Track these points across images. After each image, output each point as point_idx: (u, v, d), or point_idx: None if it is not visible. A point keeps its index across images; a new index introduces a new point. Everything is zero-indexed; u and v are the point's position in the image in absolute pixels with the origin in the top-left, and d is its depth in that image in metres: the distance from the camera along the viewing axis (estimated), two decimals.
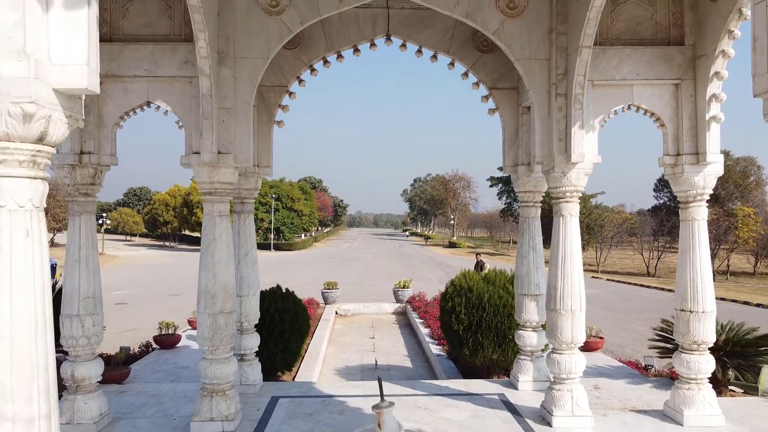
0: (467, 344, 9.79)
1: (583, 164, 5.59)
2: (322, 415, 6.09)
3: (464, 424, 5.77)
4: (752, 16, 2.64)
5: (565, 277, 5.72)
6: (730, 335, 9.25)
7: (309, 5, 5.68)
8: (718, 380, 8.58)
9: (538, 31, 5.77)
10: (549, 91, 5.75)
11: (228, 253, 5.69)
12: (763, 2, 2.53)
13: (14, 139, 2.28)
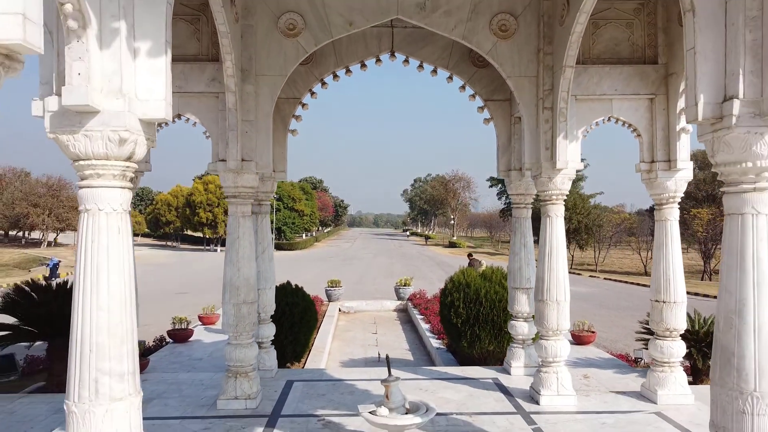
0: (465, 336, 10.50)
1: (566, 170, 6.30)
2: (333, 395, 6.80)
3: (461, 402, 6.48)
4: (685, 59, 3.34)
5: (551, 271, 6.43)
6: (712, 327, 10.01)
7: (322, 28, 6.39)
8: (699, 369, 9.33)
9: (526, 52, 6.48)
10: (537, 105, 6.45)
11: (250, 250, 6.40)
12: (692, 50, 3.23)
13: (111, 158, 2.99)
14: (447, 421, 5.87)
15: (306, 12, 6.35)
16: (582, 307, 20.85)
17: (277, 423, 5.86)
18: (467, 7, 6.38)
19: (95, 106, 2.81)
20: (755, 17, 3.02)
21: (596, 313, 18.91)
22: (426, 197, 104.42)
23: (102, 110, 2.87)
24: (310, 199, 73.69)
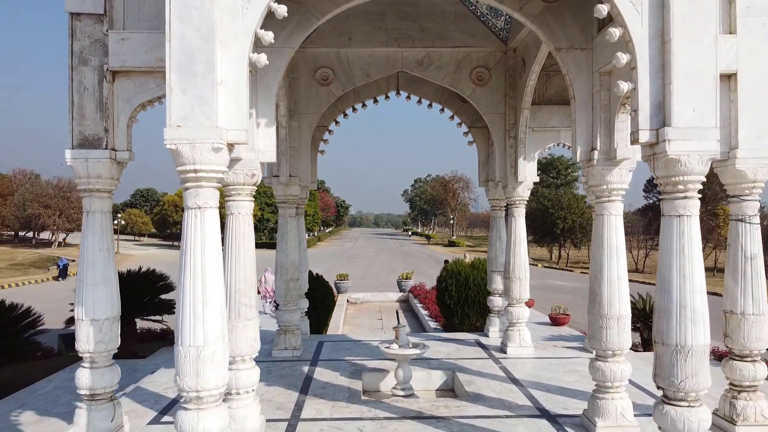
0: (457, 315, 13.01)
1: (526, 182, 8.75)
2: (354, 349, 9.27)
3: (449, 352, 8.93)
4: (572, 125, 5.79)
5: (515, 256, 8.90)
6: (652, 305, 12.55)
7: (347, 79, 8.85)
8: (647, 339, 11.80)
9: (497, 95, 8.95)
10: (504, 135, 8.92)
11: (294, 241, 8.87)
12: (575, 120, 5.67)
13: (246, 185, 5.43)
14: (439, 363, 8.32)
15: (335, 67, 8.82)
16: (567, 298, 23.38)
17: (318, 364, 8.33)
18: (453, 63, 8.85)
19: (241, 157, 5.24)
20: (605, 105, 5.47)
21: (578, 303, 21.31)
22: (426, 197, 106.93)
23: (243, 158, 5.29)
24: (313, 200, 76.16)
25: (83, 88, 5.29)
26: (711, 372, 4.44)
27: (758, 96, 5.30)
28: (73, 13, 5.30)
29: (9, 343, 10.28)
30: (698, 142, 4.28)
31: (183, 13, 4.16)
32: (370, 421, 6.03)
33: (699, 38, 4.26)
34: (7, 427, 7.93)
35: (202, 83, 4.15)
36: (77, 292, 5.47)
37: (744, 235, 5.64)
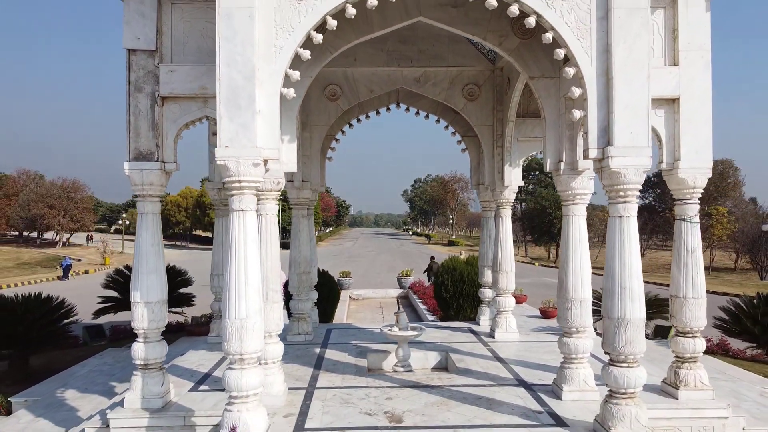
0: (452, 307, 14.20)
1: (511, 186, 9.93)
2: (360, 335, 10.45)
3: (443, 338, 10.11)
4: (543, 140, 6.96)
5: (503, 251, 10.08)
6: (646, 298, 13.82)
7: (353, 95, 10.03)
8: None
9: (486, 109, 10.12)
10: (492, 144, 10.09)
11: (306, 238, 10.04)
12: (544, 137, 6.84)
13: (272, 191, 6.60)
14: (435, 346, 9.49)
15: (342, 84, 10.00)
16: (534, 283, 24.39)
17: (328, 347, 9.52)
18: (447, 80, 10.03)
19: (269, 168, 6.40)
20: (570, 124, 6.64)
21: None
22: (426, 197, 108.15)
23: (271, 169, 6.45)
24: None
25: (138, 111, 6.47)
26: None
27: (697, 117, 6.49)
28: (130, 49, 6.48)
29: (46, 331, 11.44)
30: (634, 159, 5.45)
31: (230, 59, 5.33)
32: (375, 388, 7.22)
33: (634, 78, 5.44)
34: (55, 401, 9.12)
35: (245, 113, 5.33)
36: (132, 280, 6.64)
37: (686, 232, 6.81)
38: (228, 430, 5.31)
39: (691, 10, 6.53)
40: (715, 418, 6.53)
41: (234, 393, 5.35)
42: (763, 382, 10.20)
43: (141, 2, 6.44)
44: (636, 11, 5.46)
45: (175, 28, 6.56)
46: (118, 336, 14.99)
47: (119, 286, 13.83)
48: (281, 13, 5.52)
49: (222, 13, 5.39)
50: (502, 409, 6.46)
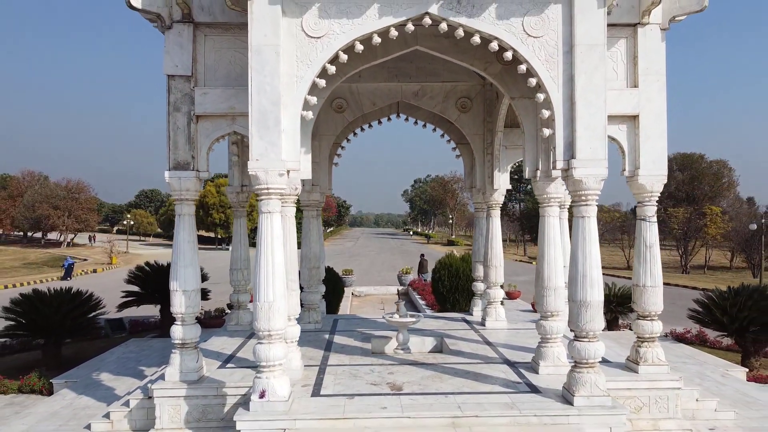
0: (449, 301, 15.39)
1: (500, 190, 11.11)
2: (364, 324, 11.64)
3: (439, 326, 11.28)
4: (523, 150, 8.14)
5: (492, 248, 11.26)
6: (618, 292, 14.94)
7: (357, 107, 11.21)
8: (610, 321, 14.19)
9: (477, 119, 11.30)
10: (483, 151, 11.27)
11: (316, 236, 11.23)
12: (522, 146, 8.02)
13: (291, 195, 7.78)
14: (431, 333, 10.66)
15: (348, 98, 11.18)
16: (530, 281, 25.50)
17: (335, 333, 10.70)
18: (442, 94, 11.22)
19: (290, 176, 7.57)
20: (546, 138, 7.81)
21: None
22: (426, 197, 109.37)
23: (290, 177, 7.63)
24: None
25: (177, 128, 7.65)
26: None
27: (653, 132, 7.68)
28: (170, 75, 7.66)
29: (77, 322, 12.63)
30: (594, 169, 6.63)
31: (259, 87, 6.52)
32: (378, 366, 8.40)
33: (593, 103, 6.62)
34: (93, 382, 10.31)
35: (272, 133, 6.52)
36: (172, 272, 7.81)
37: (645, 230, 7.98)
38: (258, 393, 6.49)
39: (649, 41, 7.72)
40: (669, 388, 7.69)
41: (263, 363, 6.53)
42: (727, 365, 11.39)
43: (179, 35, 7.62)
44: (594, 47, 6.63)
45: (207, 57, 7.75)
46: (137, 329, 16.18)
47: (141, 282, 15.00)
48: (301, 49, 6.70)
49: (253, 49, 6.56)
50: (487, 380, 7.64)
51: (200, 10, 7.63)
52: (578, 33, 6.63)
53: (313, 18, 6.67)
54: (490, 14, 6.69)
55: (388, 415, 6.45)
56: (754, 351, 12.36)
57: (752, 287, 12.92)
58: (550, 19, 6.70)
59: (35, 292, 12.77)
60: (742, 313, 12.20)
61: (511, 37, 6.70)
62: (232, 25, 7.68)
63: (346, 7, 6.65)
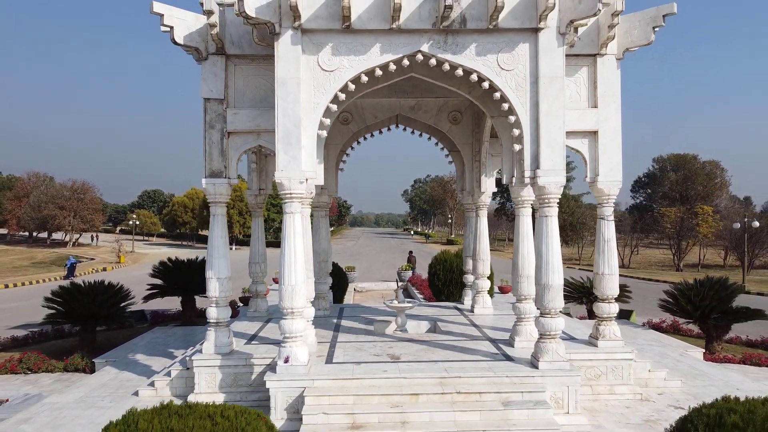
0: (444, 293, 17.00)
1: (486, 192, 12.74)
2: (366, 312, 13.26)
3: (433, 313, 12.90)
4: (501, 160, 9.76)
5: (480, 244, 12.88)
6: None
7: (361, 120, 12.83)
8: (590, 310, 15.73)
9: (467, 131, 12.92)
10: (472, 159, 12.89)
11: (324, 233, 12.85)
12: (501, 156, 9.64)
13: (307, 198, 9.39)
14: (426, 318, 12.28)
15: (353, 111, 12.79)
16: None
17: (342, 318, 12.33)
18: (436, 108, 12.83)
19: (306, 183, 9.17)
20: (517, 152, 9.42)
21: None
22: (425, 197, 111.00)
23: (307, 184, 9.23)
24: None
25: (212, 142, 9.26)
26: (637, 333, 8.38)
27: (610, 145, 9.30)
28: (206, 98, 9.28)
29: (110, 311, 14.24)
30: (554, 178, 8.24)
31: (284, 112, 8.13)
32: (380, 342, 10.03)
33: (554, 124, 8.22)
34: (130, 361, 11.93)
35: (294, 149, 8.13)
36: (208, 262, 9.41)
37: (604, 227, 9.60)
38: (284, 359, 8.11)
39: (606, 68, 9.36)
40: (623, 359, 9.31)
41: (287, 335, 8.15)
42: (687, 347, 13.03)
43: (214, 65, 9.25)
44: (555, 79, 8.24)
45: (237, 83, 9.37)
46: (157, 320, 17.79)
47: (164, 276, 16.60)
48: (317, 80, 8.31)
49: (278, 81, 8.18)
50: (471, 352, 9.26)
51: (231, 44, 9.26)
52: (542, 67, 8.24)
53: (326, 55, 8.29)
54: (471, 51, 8.30)
55: (388, 376, 8.07)
56: (716, 336, 13.96)
57: (714, 279, 14.53)
58: (520, 56, 8.32)
59: (72, 284, 14.38)
60: (704, 302, 13.80)
61: (487, 70, 8.32)
62: (257, 57, 9.31)
63: (354, 46, 8.26)
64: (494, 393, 7.83)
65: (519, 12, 8.13)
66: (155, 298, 16.75)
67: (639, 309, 18.53)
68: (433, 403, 7.70)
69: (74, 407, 9.13)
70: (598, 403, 8.92)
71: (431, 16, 8.12)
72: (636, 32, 9.31)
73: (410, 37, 8.27)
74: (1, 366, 12.16)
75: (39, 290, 31.76)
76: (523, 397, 7.84)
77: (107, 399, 9.62)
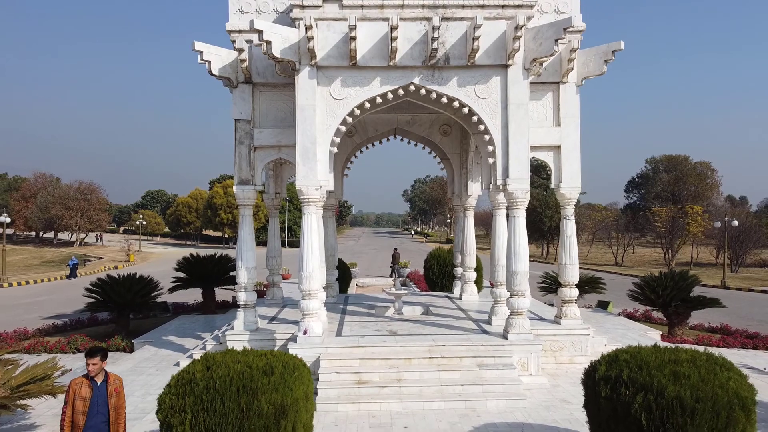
0: (438, 285, 19.12)
1: (472, 195, 14.83)
2: (368, 300, 15.36)
3: (427, 301, 15.00)
4: (480, 170, 11.85)
5: (466, 240, 14.99)
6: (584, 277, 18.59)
7: (363, 132, 14.93)
8: None
9: (455, 142, 15.02)
10: (460, 166, 14.98)
11: (332, 232, 14.95)
12: (480, 164, 11.72)
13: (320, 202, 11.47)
14: (420, 304, 14.37)
15: (357, 125, 14.89)
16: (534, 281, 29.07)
17: (347, 304, 14.43)
18: (428, 122, 14.92)
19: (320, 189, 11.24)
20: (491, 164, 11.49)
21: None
22: (425, 197, 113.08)
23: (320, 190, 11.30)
24: None
25: (241, 156, 11.34)
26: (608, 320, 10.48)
27: (570, 157, 11.39)
28: (236, 119, 11.38)
29: (143, 301, 16.32)
30: (520, 185, 10.32)
31: (302, 132, 10.22)
32: (380, 321, 12.13)
33: (520, 142, 10.30)
34: (165, 342, 14.03)
35: (311, 162, 10.22)
36: (238, 253, 11.49)
37: (566, 225, 11.69)
38: (303, 331, 10.19)
39: (568, 94, 11.46)
40: (581, 335, 11.40)
41: (305, 312, 10.23)
42: (647, 330, 15.15)
43: (242, 92, 11.34)
44: (521, 105, 10.32)
45: (261, 106, 11.47)
46: (178, 311, 19.87)
47: (187, 269, 18.69)
48: (329, 107, 10.39)
49: (298, 107, 10.26)
50: (455, 329, 11.36)
51: (257, 74, 11.35)
52: (511, 96, 10.32)
53: (336, 86, 10.37)
54: (453, 83, 10.39)
55: (387, 345, 10.16)
56: (677, 322, 16.05)
57: (675, 272, 16.63)
58: (493, 87, 10.40)
59: (109, 276, 16.48)
60: (665, 291, 15.90)
61: (467, 98, 10.40)
62: (278, 84, 11.40)
63: (358, 79, 10.35)
64: (471, 357, 9.92)
65: (492, 52, 10.21)
66: (180, 289, 18.82)
67: (622, 302, 20.56)
68: (422, 365, 9.79)
69: (128, 374, 11.22)
70: (560, 370, 11.02)
71: (421, 55, 10.21)
72: (591, 64, 11.40)
73: (404, 72, 10.35)
74: (53, 347, 14.24)
75: (56, 287, 33.92)
76: (494, 361, 9.93)
77: (153, 369, 11.72)
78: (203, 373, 6.10)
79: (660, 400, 5.81)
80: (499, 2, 10.00)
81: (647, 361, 6.34)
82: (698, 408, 5.69)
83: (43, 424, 8.70)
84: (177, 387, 6.03)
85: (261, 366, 6.25)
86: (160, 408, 5.99)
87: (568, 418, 8.53)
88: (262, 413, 5.82)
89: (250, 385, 5.92)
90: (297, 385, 6.22)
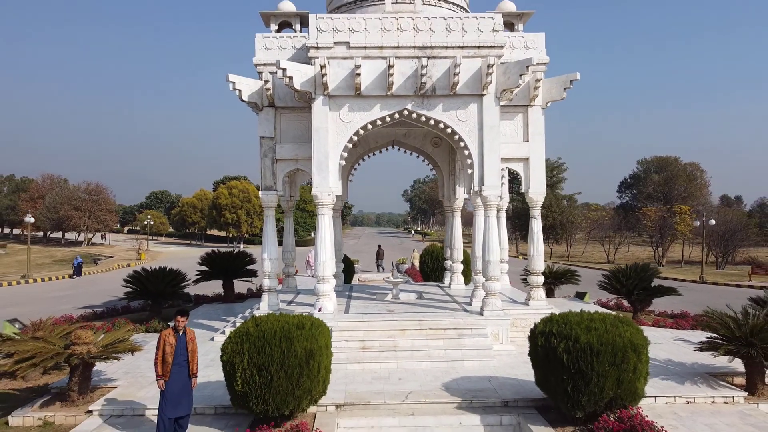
0: (432, 277, 21.79)
1: (459, 198, 17.49)
2: (370, 288, 18.01)
3: (421, 288, 17.63)
4: (464, 178, 14.48)
5: (455, 237, 17.66)
6: (554, 271, 21.25)
7: (366, 144, 17.58)
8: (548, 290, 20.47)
9: (445, 152, 17.66)
10: (449, 173, 17.63)
11: (338, 230, 17.58)
12: (464, 172, 14.35)
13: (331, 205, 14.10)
14: (415, 292, 16.99)
15: (360, 138, 17.43)
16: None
17: (352, 291, 17.10)
18: (422, 135, 17.57)
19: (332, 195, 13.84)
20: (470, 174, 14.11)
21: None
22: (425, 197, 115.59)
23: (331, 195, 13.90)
24: None
25: (265, 167, 13.98)
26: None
27: (536, 167, 14.03)
28: (261, 136, 14.02)
29: (173, 290, 18.95)
30: (494, 191, 12.94)
31: (318, 149, 12.85)
32: (380, 304, 14.78)
33: (493, 156, 12.91)
34: (197, 324, 16.68)
35: (324, 172, 12.85)
36: (263, 248, 14.12)
37: (534, 224, 14.33)
38: (318, 309, 12.83)
39: (535, 115, 14.10)
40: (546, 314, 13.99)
41: (320, 293, 12.86)
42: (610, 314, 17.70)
43: (267, 114, 13.99)
44: (494, 127, 12.93)
45: (282, 125, 14.10)
46: (199, 301, 22.47)
47: (209, 264, 21.32)
48: (338, 128, 13.01)
49: (314, 129, 12.88)
50: (442, 309, 14.00)
51: (279, 99, 13.99)
52: (485, 119, 12.94)
53: (345, 112, 13.00)
54: (439, 109, 13.02)
55: (385, 320, 12.80)
56: (640, 308, 18.66)
57: (638, 264, 19.24)
58: (472, 112, 13.02)
59: (143, 269, 19.11)
60: (629, 281, 18.50)
61: (450, 121, 13.03)
62: (296, 108, 14.03)
63: (362, 106, 12.98)
64: (453, 329, 12.57)
65: (470, 84, 12.84)
66: (204, 281, 21.46)
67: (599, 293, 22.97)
68: (414, 335, 12.44)
69: None
70: (528, 342, 13.63)
71: (413, 86, 12.84)
72: (554, 90, 14.04)
73: (399, 99, 12.98)
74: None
75: (75, 283, 36.54)
76: (472, 332, 12.56)
77: None
78: (254, 327, 8.73)
79: (576, 345, 8.45)
80: (475, 44, 12.62)
81: (571, 320, 9.01)
82: (602, 350, 8.33)
83: (117, 378, 11.33)
84: (236, 337, 8.65)
85: (295, 323, 8.89)
86: (224, 352, 8.61)
87: (526, 373, 11.15)
88: (296, 354, 8.44)
89: (288, 335, 8.55)
90: (320, 336, 8.87)
